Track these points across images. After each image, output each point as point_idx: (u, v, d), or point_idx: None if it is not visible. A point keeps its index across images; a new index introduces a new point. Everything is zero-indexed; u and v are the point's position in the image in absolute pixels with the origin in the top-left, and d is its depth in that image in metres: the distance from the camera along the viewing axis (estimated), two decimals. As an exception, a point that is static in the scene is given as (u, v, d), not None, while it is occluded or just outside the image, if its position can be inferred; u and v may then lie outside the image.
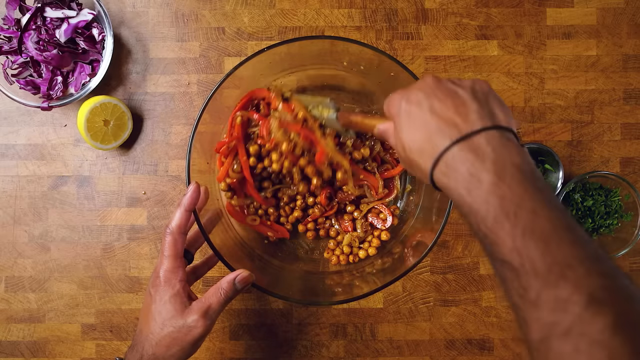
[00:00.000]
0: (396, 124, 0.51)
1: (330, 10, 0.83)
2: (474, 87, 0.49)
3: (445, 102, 0.47)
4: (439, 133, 0.46)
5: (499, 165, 0.43)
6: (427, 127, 0.47)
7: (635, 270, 0.83)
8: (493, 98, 0.49)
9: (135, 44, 0.83)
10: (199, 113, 0.66)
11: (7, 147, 0.82)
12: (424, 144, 0.48)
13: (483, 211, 0.43)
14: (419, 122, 0.48)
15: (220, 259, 0.65)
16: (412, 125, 0.49)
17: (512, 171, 0.43)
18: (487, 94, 0.49)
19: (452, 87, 0.49)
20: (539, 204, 0.41)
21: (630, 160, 0.83)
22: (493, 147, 0.44)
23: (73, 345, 0.82)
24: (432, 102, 0.48)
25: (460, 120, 0.46)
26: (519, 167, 0.43)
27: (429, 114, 0.48)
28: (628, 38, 0.83)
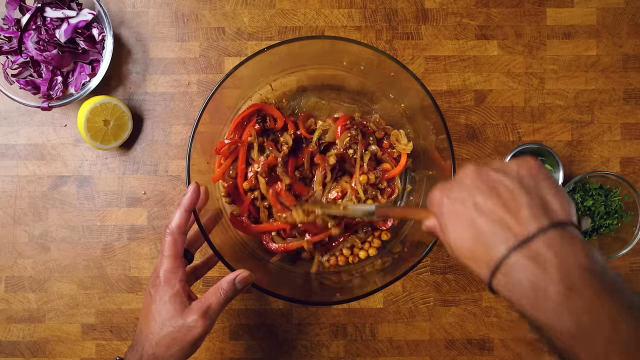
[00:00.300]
0: (441, 224, 0.47)
1: (330, 10, 0.83)
2: (520, 172, 0.44)
3: (491, 197, 0.43)
4: (491, 237, 0.42)
5: (565, 271, 0.38)
6: (476, 229, 0.43)
7: (636, 270, 0.83)
8: (544, 182, 0.43)
9: (135, 44, 0.83)
10: (199, 113, 0.66)
11: (7, 147, 0.82)
12: (476, 248, 0.43)
13: (556, 327, 0.38)
14: (466, 223, 0.44)
15: (220, 259, 0.65)
16: (458, 227, 0.44)
17: (580, 276, 0.38)
18: (536, 178, 0.43)
19: (495, 176, 0.44)
20: (617, 311, 0.37)
21: (630, 160, 0.83)
22: (555, 251, 0.39)
23: (73, 345, 0.82)
24: (476, 198, 0.44)
25: (512, 220, 0.41)
26: (588, 270, 0.38)
27: (476, 213, 0.43)
28: (628, 38, 0.83)
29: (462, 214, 0.44)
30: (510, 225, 0.41)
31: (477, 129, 0.83)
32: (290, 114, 0.79)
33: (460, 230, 0.44)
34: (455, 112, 0.83)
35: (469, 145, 0.83)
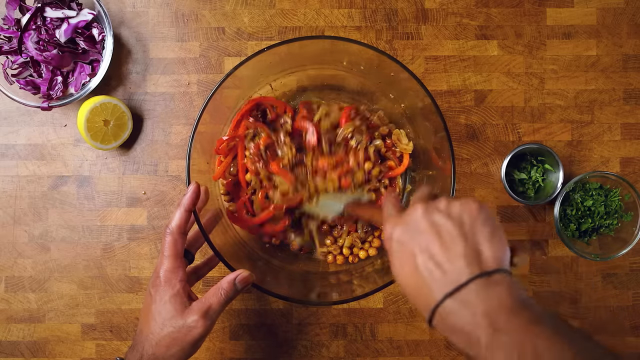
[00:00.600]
0: (390, 260, 0.51)
1: (330, 10, 0.83)
2: (462, 216, 0.47)
3: (434, 240, 0.47)
4: (431, 282, 0.46)
5: (491, 315, 0.43)
6: (418, 269, 0.47)
7: (636, 270, 0.83)
8: (482, 228, 0.47)
9: (135, 44, 0.83)
10: (199, 113, 0.66)
11: (7, 147, 0.82)
12: (417, 288, 0.47)
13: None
14: (409, 259, 0.48)
15: (220, 259, 0.65)
16: (403, 261, 0.48)
17: (505, 317, 0.42)
18: (475, 224, 0.47)
19: (440, 219, 0.48)
20: (541, 340, 0.41)
21: (630, 160, 0.83)
22: (481, 298, 0.44)
23: (73, 345, 0.82)
24: (420, 237, 0.48)
25: (450, 267, 0.45)
26: (510, 309, 0.43)
27: (419, 252, 0.47)
28: (628, 38, 0.83)
29: (406, 250, 0.48)
30: (447, 272, 0.45)
31: (477, 129, 0.83)
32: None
33: (404, 265, 0.48)
34: (455, 112, 0.83)
35: (469, 145, 0.83)
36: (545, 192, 0.80)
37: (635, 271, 0.83)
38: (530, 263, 0.83)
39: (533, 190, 0.81)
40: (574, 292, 0.82)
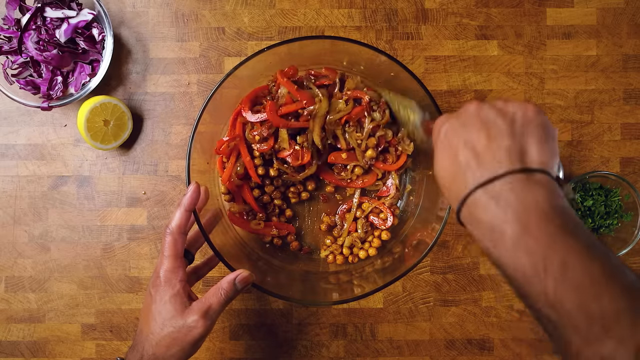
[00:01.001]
0: (434, 149, 0.49)
1: (330, 10, 0.83)
2: (515, 115, 0.45)
3: (480, 133, 0.44)
4: (466, 170, 0.44)
5: (522, 214, 0.40)
6: (457, 160, 0.45)
7: (635, 270, 0.83)
8: (534, 130, 0.44)
9: (135, 44, 0.83)
10: (199, 113, 0.66)
11: (7, 147, 0.82)
12: (452, 178, 0.45)
13: (511, 266, 0.40)
14: (451, 152, 0.46)
15: (220, 259, 0.65)
16: (445, 154, 0.47)
17: (537, 219, 0.39)
18: (528, 124, 0.44)
19: (491, 115, 0.45)
20: (571, 254, 0.38)
21: (630, 160, 0.83)
22: (516, 193, 0.40)
23: (73, 345, 0.82)
24: (467, 130, 0.45)
25: (488, 157, 0.43)
26: (545, 214, 0.40)
27: (462, 145, 0.45)
28: (628, 38, 0.83)
29: (451, 143, 0.46)
30: (484, 162, 0.43)
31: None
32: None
33: (445, 158, 0.46)
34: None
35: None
36: (545, 192, 0.80)
37: (635, 271, 0.83)
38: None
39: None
40: (574, 292, 0.82)
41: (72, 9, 0.79)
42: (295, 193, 0.78)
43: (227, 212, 0.76)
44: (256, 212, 0.77)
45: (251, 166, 0.74)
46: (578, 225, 0.40)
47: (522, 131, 0.44)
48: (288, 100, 0.72)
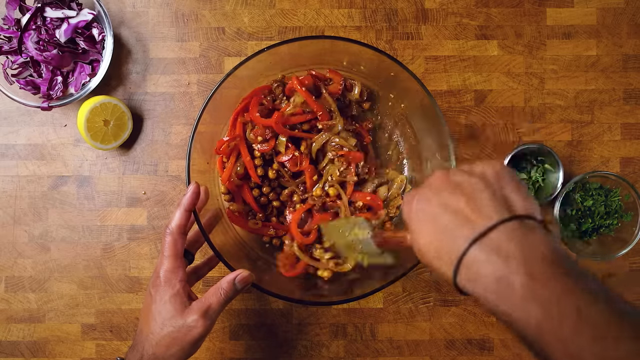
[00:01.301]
0: (410, 226, 0.47)
1: (330, 10, 0.83)
2: (485, 172, 0.45)
3: (455, 194, 0.44)
4: (454, 231, 0.42)
5: (528, 263, 0.38)
6: (440, 226, 0.43)
7: (635, 270, 0.83)
8: (508, 181, 0.44)
9: (135, 44, 0.83)
10: (199, 113, 0.66)
11: (7, 147, 0.82)
12: (440, 246, 0.43)
13: (523, 318, 0.38)
14: (430, 220, 0.44)
15: (220, 259, 0.65)
16: (423, 226, 0.45)
17: (543, 266, 0.38)
18: (501, 178, 0.44)
19: (460, 177, 0.45)
20: (582, 297, 0.37)
21: (630, 160, 0.83)
22: (516, 242, 0.39)
23: (73, 345, 0.82)
24: (441, 196, 0.44)
25: (474, 214, 0.42)
26: (549, 259, 0.38)
27: (440, 209, 0.44)
28: (628, 38, 0.83)
29: (427, 213, 0.45)
30: (472, 219, 0.42)
31: (477, 129, 0.83)
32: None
33: (426, 230, 0.45)
34: (455, 112, 0.83)
35: (469, 145, 0.83)
36: (545, 192, 0.80)
37: (635, 271, 0.83)
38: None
39: (533, 190, 0.81)
40: (574, 292, 0.82)
41: (72, 9, 0.79)
42: (288, 196, 0.77)
43: (227, 211, 0.76)
44: (256, 212, 0.77)
45: (251, 166, 0.74)
46: (580, 270, 0.39)
47: (498, 185, 0.44)
48: (299, 110, 0.72)
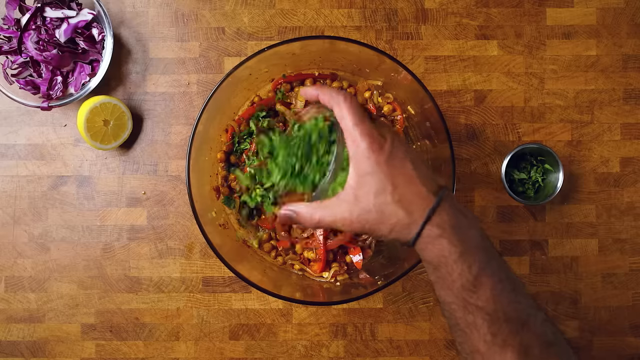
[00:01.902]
0: (378, 161, 0.48)
1: (330, 10, 0.83)
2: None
3: (418, 155, 0.51)
4: (428, 185, 0.48)
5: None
6: (419, 177, 0.48)
7: (635, 270, 0.83)
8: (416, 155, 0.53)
9: (135, 44, 0.83)
10: (199, 113, 0.66)
11: (7, 147, 0.82)
12: (412, 195, 0.47)
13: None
14: (410, 169, 0.48)
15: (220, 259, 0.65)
16: (399, 172, 0.48)
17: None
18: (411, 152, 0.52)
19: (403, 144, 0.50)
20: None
21: (630, 160, 0.83)
22: (449, 213, 0.48)
23: (73, 345, 0.82)
24: (410, 150, 0.49)
25: (436, 178, 0.50)
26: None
27: (418, 161, 0.49)
28: (628, 38, 0.83)
29: (404, 160, 0.48)
30: (435, 179, 0.49)
31: (477, 129, 0.83)
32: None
33: (400, 175, 0.47)
34: (455, 112, 0.83)
35: (469, 145, 0.83)
36: (545, 192, 0.80)
37: (635, 271, 0.83)
38: (530, 263, 0.83)
39: (533, 190, 0.81)
40: (574, 292, 0.82)
41: (72, 9, 0.79)
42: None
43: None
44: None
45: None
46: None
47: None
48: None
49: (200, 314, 0.82)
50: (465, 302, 0.46)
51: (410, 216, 0.47)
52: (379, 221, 0.48)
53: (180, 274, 0.82)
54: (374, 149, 0.47)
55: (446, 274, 0.47)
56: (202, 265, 0.82)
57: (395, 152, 0.48)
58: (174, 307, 0.82)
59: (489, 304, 0.45)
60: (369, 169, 0.47)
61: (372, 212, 0.47)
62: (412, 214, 0.47)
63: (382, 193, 0.47)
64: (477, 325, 0.45)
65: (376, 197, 0.47)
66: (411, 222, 0.47)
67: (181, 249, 0.82)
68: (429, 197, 0.47)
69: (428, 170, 0.50)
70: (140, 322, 0.82)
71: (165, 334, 0.82)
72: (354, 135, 0.48)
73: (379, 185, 0.47)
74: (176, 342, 0.82)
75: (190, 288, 0.82)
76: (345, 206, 0.48)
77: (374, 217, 0.48)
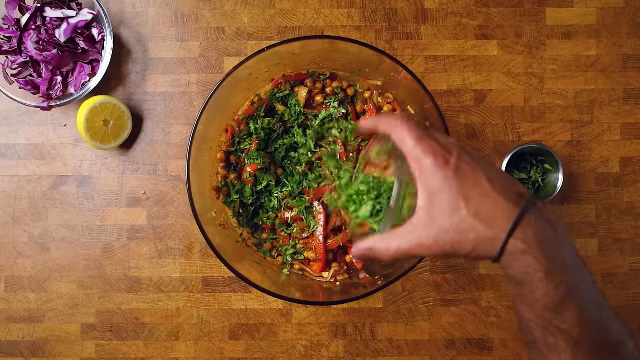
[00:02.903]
0: (446, 176, 0.44)
1: (330, 10, 0.83)
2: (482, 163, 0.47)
3: (492, 164, 0.45)
4: (508, 196, 0.44)
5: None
6: (495, 188, 0.44)
7: (635, 271, 0.83)
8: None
9: (135, 44, 0.83)
10: (199, 113, 0.66)
11: (7, 147, 0.82)
12: (492, 208, 0.43)
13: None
14: (482, 182, 0.44)
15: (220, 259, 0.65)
16: (472, 185, 0.44)
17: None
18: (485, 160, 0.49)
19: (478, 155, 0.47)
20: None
21: (630, 160, 0.83)
22: (540, 224, 0.44)
23: (73, 345, 0.82)
24: (483, 161, 0.45)
25: (514, 185, 0.45)
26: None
27: (494, 172, 0.45)
28: (628, 38, 0.83)
29: (475, 172, 0.44)
30: (519, 189, 0.45)
31: (477, 129, 0.83)
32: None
33: (474, 187, 0.44)
34: (455, 112, 0.83)
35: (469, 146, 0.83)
36: (545, 191, 0.80)
37: (635, 271, 0.83)
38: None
39: (533, 190, 0.81)
40: (574, 292, 0.82)
41: (72, 9, 0.79)
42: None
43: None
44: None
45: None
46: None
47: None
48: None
49: (200, 314, 0.82)
50: (548, 322, 0.43)
51: (491, 230, 0.43)
52: (459, 240, 0.44)
53: (180, 274, 0.82)
54: (439, 165, 0.44)
55: (529, 291, 0.43)
56: (202, 265, 0.82)
57: (463, 165, 0.44)
58: (174, 307, 0.82)
59: (575, 328, 0.42)
60: (438, 186, 0.44)
61: (450, 232, 0.44)
62: (493, 227, 0.43)
63: (457, 209, 0.43)
64: (558, 348, 0.43)
65: (451, 215, 0.44)
66: (493, 236, 0.43)
67: (181, 249, 0.82)
68: (509, 208, 0.43)
69: (506, 180, 0.45)
70: (140, 322, 0.82)
71: (165, 334, 0.82)
72: (415, 154, 0.45)
73: (452, 202, 0.44)
74: (176, 342, 0.82)
75: (190, 288, 0.82)
76: (421, 231, 0.45)
77: (453, 236, 0.44)
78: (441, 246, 0.44)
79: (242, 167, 0.76)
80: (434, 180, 0.44)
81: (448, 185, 0.44)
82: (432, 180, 0.44)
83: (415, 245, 0.45)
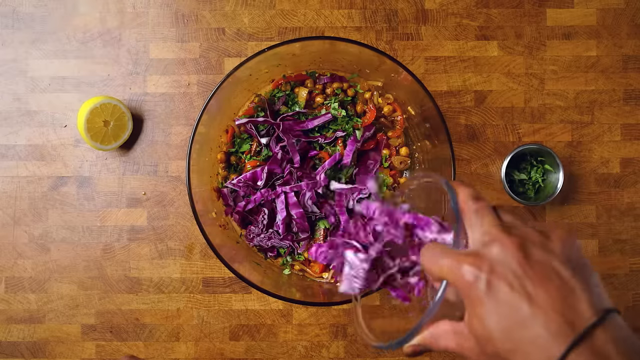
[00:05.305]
0: (473, 302, 0.38)
1: (330, 10, 0.83)
2: (569, 254, 0.38)
3: (546, 286, 0.36)
4: (548, 333, 0.35)
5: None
6: (528, 322, 0.36)
7: (635, 271, 0.83)
8: (588, 263, 0.38)
9: (135, 44, 0.83)
10: (200, 114, 0.66)
11: (7, 147, 0.82)
12: (526, 344, 0.36)
13: None
14: (513, 311, 0.36)
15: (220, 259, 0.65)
16: (502, 313, 0.36)
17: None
18: (582, 259, 0.38)
19: (544, 258, 0.37)
20: None
21: (630, 160, 0.83)
22: (615, 342, 0.35)
23: (73, 346, 0.82)
24: (525, 284, 0.36)
25: (572, 314, 0.35)
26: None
27: (527, 304, 0.36)
28: (628, 39, 0.83)
29: (508, 300, 0.36)
30: (570, 320, 0.36)
31: (477, 130, 0.83)
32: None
33: (505, 320, 0.37)
34: (455, 112, 0.83)
35: (469, 146, 0.83)
36: (545, 192, 0.80)
37: (635, 272, 0.83)
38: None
39: (533, 190, 0.81)
40: (574, 293, 0.82)
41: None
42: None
43: None
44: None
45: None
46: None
47: (582, 268, 0.39)
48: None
49: (201, 315, 0.82)
50: None
51: (553, 338, 0.35)
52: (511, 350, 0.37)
53: (180, 274, 0.82)
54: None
55: None
56: (202, 266, 0.82)
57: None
58: (174, 308, 0.82)
59: None
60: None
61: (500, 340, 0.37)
62: (556, 336, 0.35)
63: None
64: None
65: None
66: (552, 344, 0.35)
67: (181, 250, 0.82)
68: (583, 319, 0.36)
69: (587, 289, 0.37)
70: (140, 323, 0.82)
71: (166, 334, 0.82)
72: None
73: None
74: (176, 342, 0.82)
75: (190, 289, 0.82)
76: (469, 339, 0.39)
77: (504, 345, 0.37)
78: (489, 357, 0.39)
79: (242, 168, 0.76)
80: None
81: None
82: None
83: (464, 349, 0.40)
